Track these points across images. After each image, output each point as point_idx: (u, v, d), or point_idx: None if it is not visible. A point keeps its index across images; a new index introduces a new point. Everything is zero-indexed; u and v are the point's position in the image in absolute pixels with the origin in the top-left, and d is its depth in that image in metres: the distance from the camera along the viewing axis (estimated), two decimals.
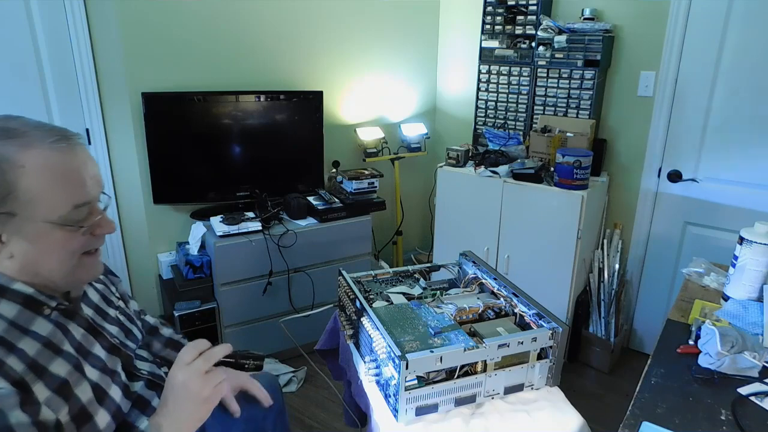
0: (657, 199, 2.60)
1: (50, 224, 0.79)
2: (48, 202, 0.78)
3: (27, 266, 0.80)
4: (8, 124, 0.78)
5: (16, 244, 0.78)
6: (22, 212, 0.77)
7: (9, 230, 0.77)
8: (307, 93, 2.68)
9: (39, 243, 0.79)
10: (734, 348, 1.18)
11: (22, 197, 0.76)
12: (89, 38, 2.31)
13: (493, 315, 1.40)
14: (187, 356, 0.89)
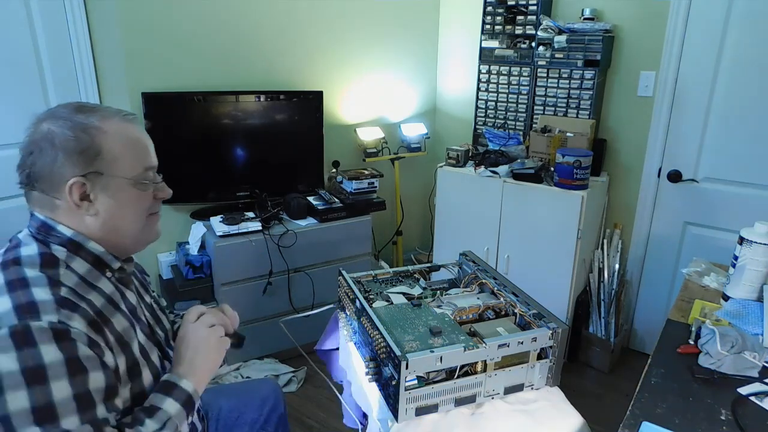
0: (657, 199, 2.60)
1: (128, 181, 0.92)
2: (126, 162, 0.91)
3: (107, 222, 0.91)
4: (85, 104, 0.93)
5: (101, 201, 0.90)
6: (107, 171, 0.89)
7: (97, 188, 0.89)
8: (307, 93, 2.68)
9: (119, 199, 0.91)
10: (734, 348, 1.18)
11: (106, 157, 0.89)
12: (89, 38, 2.31)
13: (493, 315, 1.40)
14: (192, 315, 1.03)
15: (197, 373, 0.96)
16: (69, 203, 0.88)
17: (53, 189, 0.88)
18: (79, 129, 0.88)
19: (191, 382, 0.94)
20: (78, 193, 0.88)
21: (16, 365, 0.72)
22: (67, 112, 0.90)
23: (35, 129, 0.90)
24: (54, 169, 0.87)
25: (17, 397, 0.70)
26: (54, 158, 0.86)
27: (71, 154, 0.87)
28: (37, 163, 0.87)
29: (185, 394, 0.92)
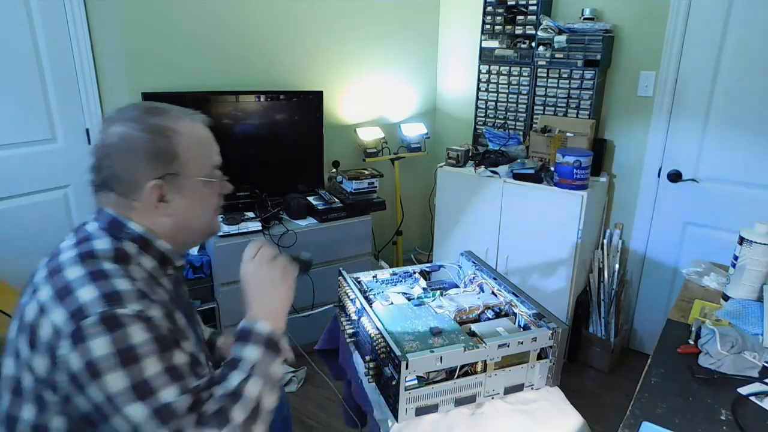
0: (657, 199, 2.60)
1: (200, 180, 0.94)
2: (198, 161, 0.93)
3: (179, 221, 0.94)
4: (155, 105, 0.94)
5: (176, 201, 0.92)
6: (183, 171, 0.91)
7: (173, 189, 0.91)
8: (307, 93, 2.68)
9: (192, 198, 0.94)
10: (734, 348, 1.18)
11: (182, 159, 0.91)
12: (89, 38, 2.31)
13: (493, 315, 1.40)
14: (250, 252, 1.00)
15: (271, 312, 0.93)
16: (146, 204, 0.90)
17: (132, 191, 0.89)
18: (154, 131, 0.89)
19: (267, 323, 0.91)
20: (156, 195, 0.90)
21: (109, 348, 0.74)
22: (139, 114, 0.90)
23: (107, 131, 0.90)
24: (133, 173, 0.88)
25: (115, 378, 0.73)
26: (133, 162, 0.88)
27: (150, 158, 0.88)
28: (114, 166, 0.89)
29: (263, 337, 0.90)
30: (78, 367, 0.75)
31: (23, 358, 0.80)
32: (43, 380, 0.79)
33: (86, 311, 0.76)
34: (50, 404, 0.80)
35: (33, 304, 0.81)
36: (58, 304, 0.78)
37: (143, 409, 0.74)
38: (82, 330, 0.75)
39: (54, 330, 0.77)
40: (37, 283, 0.83)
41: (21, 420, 0.81)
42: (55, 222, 2.38)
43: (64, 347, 0.75)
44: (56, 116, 2.30)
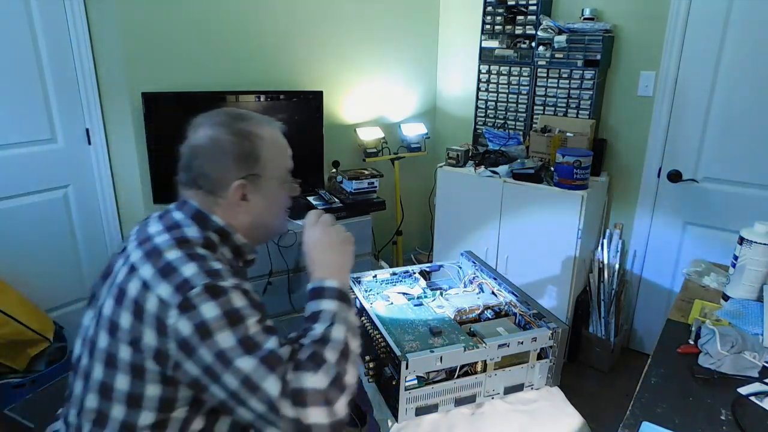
0: (657, 199, 2.60)
1: (277, 182, 1.02)
2: (276, 164, 1.01)
3: (256, 218, 1.01)
4: (241, 112, 1.02)
5: (255, 200, 1.00)
6: (263, 173, 0.99)
7: (254, 189, 0.99)
8: (307, 93, 2.68)
9: (269, 198, 1.02)
10: (734, 348, 1.18)
11: (263, 161, 0.99)
12: (89, 38, 2.31)
13: (493, 315, 1.40)
14: (312, 219, 1.06)
15: (337, 272, 0.98)
16: (230, 202, 0.98)
17: (218, 189, 0.97)
18: (241, 135, 0.97)
19: (335, 280, 0.96)
20: (239, 194, 0.98)
21: (216, 311, 0.82)
22: (227, 119, 0.99)
23: (196, 134, 0.98)
24: (220, 172, 0.96)
25: (224, 336, 0.81)
26: (222, 163, 0.96)
27: (236, 159, 0.96)
28: (204, 166, 0.96)
29: (335, 291, 0.95)
30: (188, 332, 0.81)
31: (123, 331, 0.86)
32: (149, 350, 0.84)
33: (191, 283, 0.84)
34: (148, 374, 0.85)
35: (134, 282, 0.87)
36: (163, 280, 0.85)
37: (252, 360, 0.80)
38: (190, 299, 0.82)
39: (160, 302, 0.83)
40: (135, 263, 0.90)
41: (116, 389, 0.87)
42: (55, 222, 2.38)
43: (172, 317, 0.82)
44: (56, 116, 2.30)
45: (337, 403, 0.82)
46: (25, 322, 2.05)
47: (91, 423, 0.89)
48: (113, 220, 2.56)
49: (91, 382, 0.90)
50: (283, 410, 0.79)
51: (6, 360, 2.02)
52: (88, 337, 0.94)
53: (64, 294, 2.48)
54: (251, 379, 0.80)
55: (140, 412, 0.86)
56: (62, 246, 2.43)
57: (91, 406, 0.89)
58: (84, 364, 0.93)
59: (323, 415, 0.80)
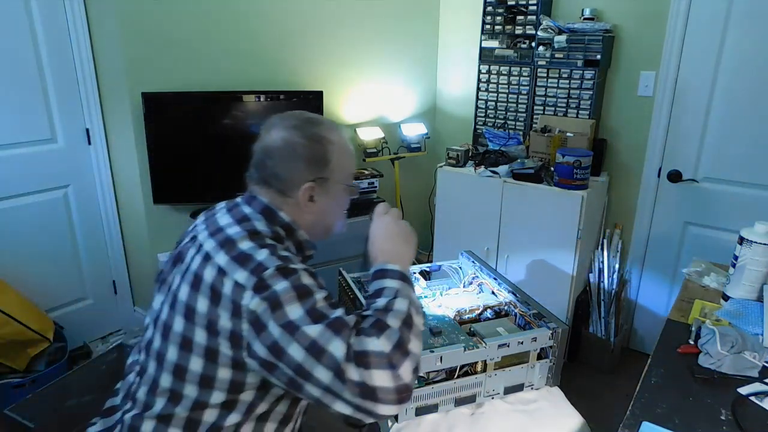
0: (657, 199, 2.59)
1: (342, 186, 1.08)
2: (343, 169, 1.07)
3: (319, 218, 1.08)
4: (313, 116, 1.07)
5: (321, 202, 1.06)
6: (331, 176, 1.05)
7: (321, 192, 1.04)
8: (307, 93, 2.68)
9: (333, 200, 1.08)
10: (734, 348, 1.18)
11: (332, 166, 1.04)
12: (89, 38, 2.31)
13: (493, 315, 1.40)
14: (382, 209, 1.13)
15: (400, 259, 1.02)
16: (298, 201, 1.03)
17: (288, 189, 1.03)
18: (314, 139, 1.03)
19: (397, 265, 1.00)
20: (308, 195, 1.03)
21: (287, 286, 0.87)
22: (301, 123, 1.04)
23: (270, 135, 1.04)
24: (292, 174, 1.02)
25: (292, 307, 0.86)
26: (295, 165, 1.02)
27: (308, 162, 1.02)
28: (277, 166, 1.02)
29: (397, 273, 0.98)
30: (260, 308, 0.86)
31: (200, 316, 0.91)
32: (224, 332, 0.88)
33: (265, 265, 0.89)
34: (221, 357, 0.89)
35: (210, 269, 0.92)
36: (238, 266, 0.90)
37: (318, 326, 0.84)
38: (264, 280, 0.88)
39: (236, 285, 0.88)
40: (210, 251, 0.95)
41: (189, 371, 0.92)
42: (55, 222, 2.39)
43: (247, 297, 0.87)
44: (56, 116, 2.30)
45: (402, 368, 0.83)
46: (25, 322, 2.05)
47: (165, 400, 0.94)
48: (113, 220, 2.56)
49: (165, 364, 0.95)
50: (348, 374, 0.81)
51: (6, 360, 2.02)
52: (161, 320, 0.98)
53: (64, 294, 2.49)
54: (317, 344, 0.83)
55: (212, 392, 0.92)
56: (62, 246, 2.43)
57: (165, 385, 0.94)
58: (156, 346, 0.98)
59: (388, 378, 0.82)
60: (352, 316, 0.89)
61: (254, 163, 1.06)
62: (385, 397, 0.81)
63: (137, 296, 2.72)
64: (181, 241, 1.10)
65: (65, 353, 2.23)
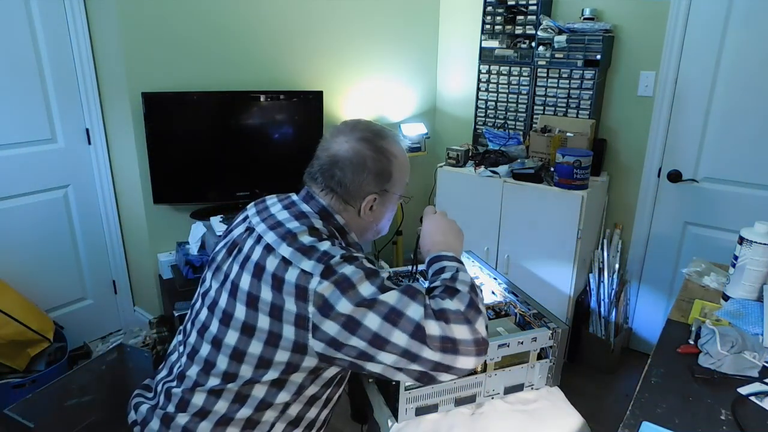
0: (657, 199, 2.60)
1: (397, 197, 1.14)
2: (400, 181, 1.12)
3: (370, 225, 1.14)
4: (380, 129, 1.13)
5: (377, 212, 1.11)
6: (390, 189, 1.10)
7: (380, 202, 1.10)
8: (307, 93, 2.68)
9: (388, 209, 1.14)
10: (734, 348, 1.18)
11: (394, 179, 1.10)
12: (89, 38, 2.31)
13: (493, 315, 1.40)
14: (431, 209, 1.20)
15: (453, 250, 1.08)
16: (358, 210, 1.09)
17: (352, 198, 1.08)
18: (381, 153, 1.08)
19: (451, 252, 1.07)
20: (369, 206, 1.09)
21: (354, 269, 0.93)
22: (371, 136, 1.09)
23: (337, 143, 1.07)
24: (360, 185, 1.06)
25: (364, 286, 0.91)
26: (363, 177, 1.06)
27: (377, 175, 1.07)
28: (347, 176, 1.05)
29: (454, 257, 1.05)
30: (329, 291, 0.90)
31: (264, 303, 0.94)
32: (289, 315, 0.92)
33: (331, 254, 0.94)
34: (283, 341, 0.93)
35: (273, 259, 0.96)
36: (304, 256, 0.94)
37: (393, 294, 0.90)
38: (331, 266, 0.92)
39: (302, 273, 0.92)
40: (271, 243, 0.99)
41: (248, 354, 0.96)
42: (55, 222, 2.39)
43: (314, 282, 0.91)
44: (56, 116, 2.31)
45: (477, 323, 0.90)
46: (25, 322, 2.05)
47: (219, 379, 0.99)
48: (113, 220, 2.56)
49: (223, 347, 0.99)
50: (429, 329, 0.86)
51: (6, 360, 2.02)
52: (219, 307, 1.02)
53: (64, 294, 2.49)
54: (395, 309, 0.88)
55: (266, 371, 0.96)
56: (62, 246, 2.43)
57: (222, 367, 0.98)
58: (214, 331, 1.01)
59: (467, 331, 0.88)
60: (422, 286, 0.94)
61: (319, 169, 1.08)
62: (465, 349, 0.87)
63: (137, 296, 2.72)
64: (231, 230, 1.14)
65: (65, 353, 2.23)
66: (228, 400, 0.99)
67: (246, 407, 0.98)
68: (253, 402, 0.98)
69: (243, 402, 0.98)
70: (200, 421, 1.00)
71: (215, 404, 0.99)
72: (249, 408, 0.98)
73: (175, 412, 1.03)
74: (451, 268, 1.00)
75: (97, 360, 1.73)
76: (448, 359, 0.87)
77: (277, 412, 1.00)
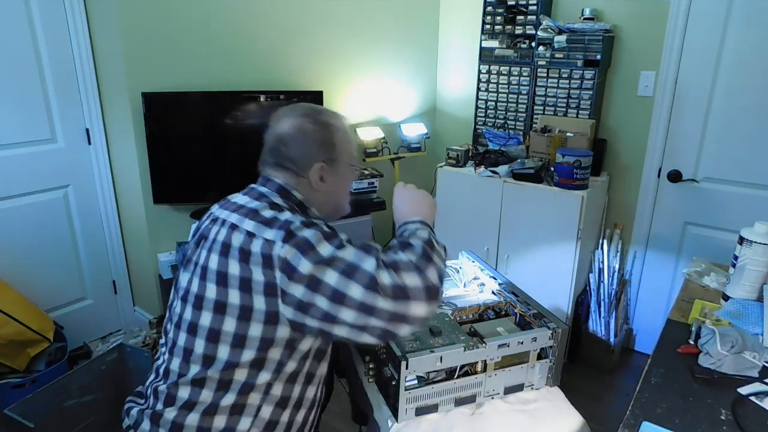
0: (657, 199, 2.60)
1: (348, 165, 1.18)
2: (345, 151, 1.17)
3: (329, 197, 1.18)
4: (315, 106, 1.19)
5: (330, 182, 1.15)
6: (338, 157, 1.15)
7: (330, 171, 1.14)
8: (307, 93, 2.67)
9: (341, 179, 1.18)
10: (734, 348, 1.18)
11: (338, 148, 1.15)
12: (89, 38, 2.31)
13: (493, 315, 1.40)
14: (401, 184, 1.23)
15: (420, 215, 1.12)
16: (309, 181, 1.13)
17: (302, 170, 1.12)
18: (321, 124, 1.13)
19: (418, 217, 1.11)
20: (318, 175, 1.13)
21: (314, 231, 0.98)
22: (309, 111, 1.15)
23: (281, 124, 1.14)
24: (306, 156, 1.12)
25: (323, 246, 0.96)
26: (307, 147, 1.12)
27: (319, 145, 1.12)
28: (291, 149, 1.12)
29: (419, 221, 1.09)
30: (291, 253, 0.94)
31: (233, 278, 0.98)
32: (258, 286, 0.96)
33: (292, 222, 0.99)
34: (255, 314, 0.97)
35: (238, 235, 1.01)
36: (266, 227, 0.99)
37: (350, 250, 0.96)
38: (292, 231, 0.97)
39: (265, 242, 0.97)
40: (235, 222, 1.03)
41: (223, 332, 0.99)
42: (55, 222, 2.39)
43: (277, 248, 0.96)
44: (56, 116, 2.31)
45: (428, 271, 0.94)
46: (25, 322, 2.05)
47: (199, 365, 1.01)
48: (113, 220, 2.56)
49: (199, 330, 1.02)
50: (381, 279, 0.90)
51: (6, 360, 2.02)
52: (192, 293, 1.05)
53: (64, 294, 2.49)
54: (351, 264, 0.93)
55: (243, 351, 0.98)
56: (62, 246, 2.43)
57: (199, 351, 1.01)
58: (188, 317, 1.04)
59: (416, 278, 0.92)
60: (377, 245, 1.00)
61: (268, 150, 1.15)
62: (416, 295, 0.91)
63: (137, 296, 2.72)
64: (198, 227, 1.17)
65: (65, 353, 2.23)
66: (212, 389, 1.01)
67: (230, 393, 1.00)
68: (236, 387, 1.00)
69: (226, 388, 1.00)
70: (188, 413, 1.02)
71: (200, 394, 1.01)
72: (233, 393, 1.00)
73: (163, 408, 1.05)
74: (413, 228, 1.06)
75: (97, 360, 1.73)
76: (401, 307, 0.90)
77: (261, 394, 1.02)
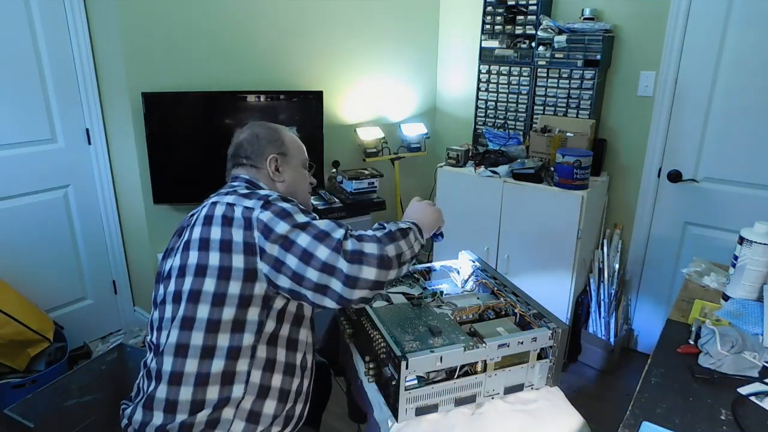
0: (657, 199, 2.60)
1: (298, 163, 1.38)
2: (295, 150, 1.38)
3: (289, 187, 1.34)
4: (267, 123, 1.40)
5: (286, 173, 1.34)
6: (288, 152, 1.35)
7: (283, 163, 1.33)
8: (307, 93, 2.68)
9: (296, 174, 1.36)
10: (734, 348, 1.18)
11: (287, 146, 1.35)
12: (89, 38, 2.31)
13: (493, 315, 1.40)
14: (416, 199, 1.36)
15: (418, 220, 1.22)
16: (267, 171, 1.31)
17: (258, 161, 1.31)
18: (271, 129, 1.37)
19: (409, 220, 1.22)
20: (274, 165, 1.31)
21: (290, 204, 1.12)
22: (262, 123, 1.39)
23: (241, 135, 1.36)
24: (259, 151, 1.31)
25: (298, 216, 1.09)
26: (260, 145, 1.32)
27: (269, 142, 1.33)
28: (247, 149, 1.32)
29: (411, 221, 1.20)
30: (269, 217, 1.08)
31: (214, 242, 1.09)
32: (238, 246, 1.07)
33: (269, 195, 1.13)
34: (234, 272, 1.07)
35: (220, 207, 1.14)
36: (245, 198, 1.13)
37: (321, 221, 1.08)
38: (270, 201, 1.11)
39: (246, 209, 1.10)
40: (215, 200, 1.17)
41: (204, 292, 1.07)
42: (55, 222, 2.39)
43: (256, 212, 1.09)
44: (56, 116, 2.31)
45: (387, 246, 1.05)
46: (25, 322, 2.05)
47: (178, 329, 1.08)
48: (113, 220, 2.56)
49: (182, 296, 1.10)
50: (345, 246, 1.02)
51: (6, 360, 2.02)
52: (174, 267, 1.14)
53: (64, 294, 2.49)
54: (324, 231, 1.05)
55: (222, 309, 1.06)
56: (62, 246, 2.43)
57: (181, 314, 1.09)
58: (172, 289, 1.13)
59: (374, 248, 1.04)
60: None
61: (229, 158, 1.35)
62: (369, 261, 1.02)
63: (137, 296, 2.72)
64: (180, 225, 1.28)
65: (65, 353, 2.23)
66: (195, 357, 1.06)
67: (216, 359, 1.06)
68: (221, 353, 1.06)
69: (211, 355, 1.06)
70: (178, 387, 1.06)
71: (185, 365, 1.06)
72: (220, 359, 1.06)
73: (154, 389, 1.09)
74: (400, 222, 1.16)
75: (97, 360, 1.73)
76: (354, 270, 1.01)
77: (247, 358, 1.08)
